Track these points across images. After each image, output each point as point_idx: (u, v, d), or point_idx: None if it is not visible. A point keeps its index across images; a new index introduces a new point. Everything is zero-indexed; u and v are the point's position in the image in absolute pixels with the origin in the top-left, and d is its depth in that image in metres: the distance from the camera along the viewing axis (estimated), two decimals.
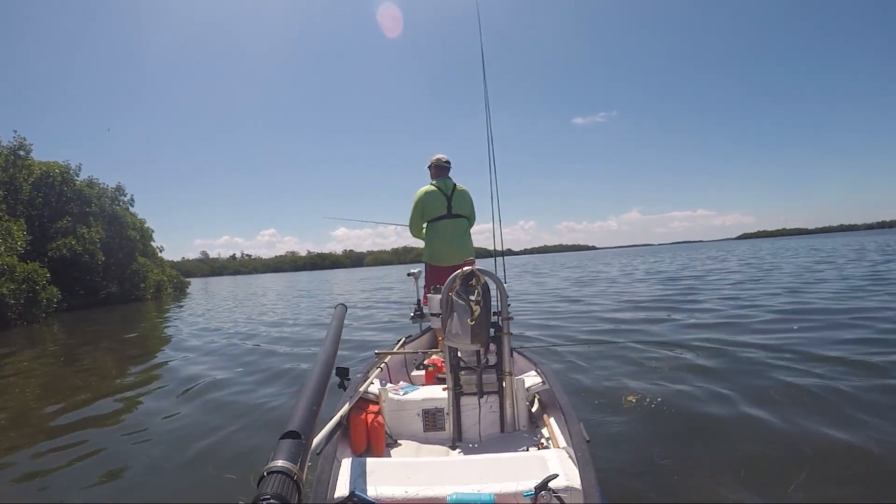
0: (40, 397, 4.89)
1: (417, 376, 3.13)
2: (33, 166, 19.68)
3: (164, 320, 13.14)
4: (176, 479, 2.72)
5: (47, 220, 19.48)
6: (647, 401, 3.40)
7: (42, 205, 19.51)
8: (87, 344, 8.95)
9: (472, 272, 2.24)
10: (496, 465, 1.67)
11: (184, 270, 72.83)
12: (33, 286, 14.10)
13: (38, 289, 14.34)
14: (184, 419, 3.79)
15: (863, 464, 2.40)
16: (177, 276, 29.74)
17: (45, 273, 14.90)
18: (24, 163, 19.54)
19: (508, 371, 2.28)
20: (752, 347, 4.76)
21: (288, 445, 0.81)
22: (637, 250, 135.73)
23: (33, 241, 17.45)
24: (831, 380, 3.62)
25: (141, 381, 5.39)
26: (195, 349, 7.19)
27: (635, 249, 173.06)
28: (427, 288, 3.83)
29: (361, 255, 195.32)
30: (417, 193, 3.88)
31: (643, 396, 3.48)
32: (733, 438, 2.77)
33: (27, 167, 19.48)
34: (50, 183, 19.74)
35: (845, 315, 6.21)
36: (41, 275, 14.61)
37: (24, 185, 18.96)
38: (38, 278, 14.39)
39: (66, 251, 18.60)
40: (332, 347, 1.38)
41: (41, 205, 19.48)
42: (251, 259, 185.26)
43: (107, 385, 5.25)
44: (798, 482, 2.23)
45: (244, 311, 13.81)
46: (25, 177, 19.20)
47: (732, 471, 2.37)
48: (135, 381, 5.39)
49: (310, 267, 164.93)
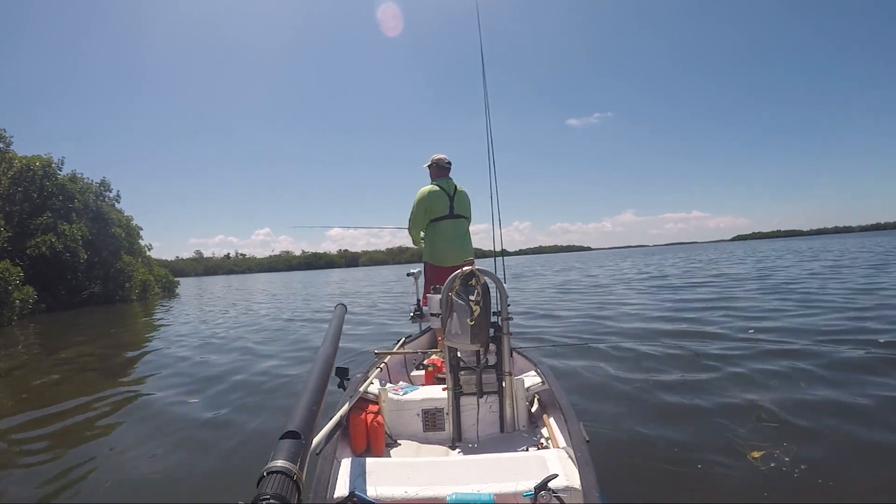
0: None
1: (417, 376, 3.12)
2: (14, 159, 18.85)
3: (144, 325, 12.40)
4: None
5: (27, 215, 18.65)
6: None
7: (21, 199, 18.60)
8: (51, 353, 7.95)
9: (471, 272, 2.24)
10: (496, 465, 1.67)
11: (177, 269, 71.74)
12: (5, 286, 13.34)
13: (11, 289, 13.57)
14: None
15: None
16: (166, 275, 28.43)
17: (17, 272, 14.22)
18: (4, 156, 18.76)
19: (508, 371, 2.29)
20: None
21: (287, 445, 0.81)
22: (631, 251, 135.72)
23: (11, 238, 16.81)
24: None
25: (78, 409, 4.31)
26: (165, 364, 6.26)
27: (630, 251, 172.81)
28: (427, 288, 3.83)
29: (356, 254, 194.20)
30: (420, 193, 3.87)
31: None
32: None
33: (6, 160, 18.65)
34: (30, 177, 18.87)
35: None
36: (14, 273, 13.92)
37: (2, 178, 18.16)
38: (10, 277, 13.64)
39: (45, 249, 17.87)
40: (332, 347, 1.38)
41: (20, 199, 18.57)
42: (245, 258, 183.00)
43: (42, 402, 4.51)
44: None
45: (231, 315, 12.78)
46: (4, 170, 18.37)
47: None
48: (70, 409, 4.30)
49: (304, 267, 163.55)
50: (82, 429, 3.79)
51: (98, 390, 4.90)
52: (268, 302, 17.43)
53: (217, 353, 6.81)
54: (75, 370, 6.30)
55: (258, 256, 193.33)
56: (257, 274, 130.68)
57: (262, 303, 17.14)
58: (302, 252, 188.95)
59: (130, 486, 2.71)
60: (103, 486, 2.71)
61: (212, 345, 7.56)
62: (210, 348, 7.24)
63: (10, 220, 17.56)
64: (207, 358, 6.46)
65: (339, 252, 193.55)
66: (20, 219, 18.44)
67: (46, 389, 5.27)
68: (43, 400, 4.71)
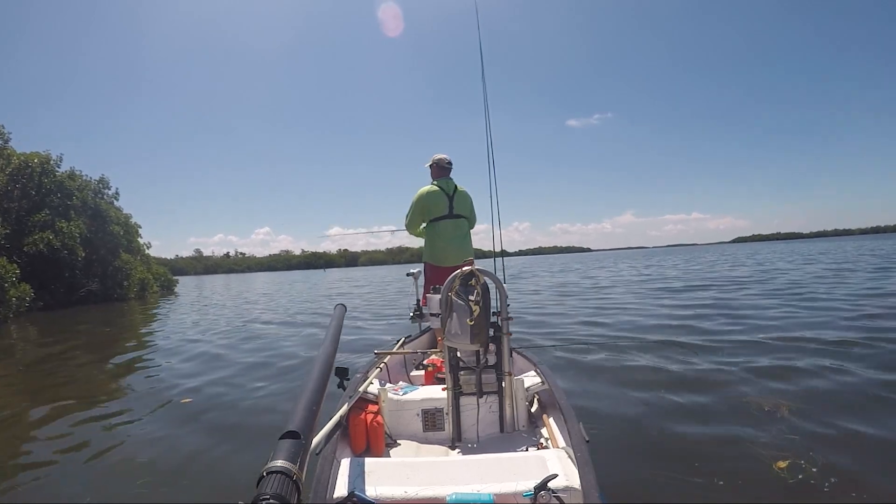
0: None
1: (417, 376, 3.13)
2: (12, 156, 18.86)
3: (142, 324, 12.27)
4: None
5: (25, 212, 18.58)
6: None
7: (19, 196, 18.56)
8: (43, 351, 7.90)
9: (471, 272, 2.24)
10: (495, 465, 1.67)
11: (177, 268, 71.02)
12: (1, 283, 13.42)
13: (7, 286, 13.62)
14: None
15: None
16: (164, 273, 28.22)
17: (14, 269, 14.25)
18: (2, 152, 18.76)
19: (508, 371, 2.29)
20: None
21: (287, 445, 0.81)
22: (631, 252, 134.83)
23: (9, 235, 16.77)
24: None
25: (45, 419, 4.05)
26: (161, 364, 6.14)
27: (630, 252, 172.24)
28: (427, 288, 3.84)
29: (356, 254, 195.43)
30: (419, 192, 3.89)
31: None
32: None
33: (4, 156, 18.68)
34: (28, 174, 18.85)
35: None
36: (10, 271, 13.99)
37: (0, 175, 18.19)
38: (6, 275, 13.72)
39: (43, 246, 17.81)
40: (332, 347, 1.38)
41: (18, 196, 18.52)
42: (245, 258, 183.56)
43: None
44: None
45: (228, 318, 11.91)
46: (2, 167, 18.39)
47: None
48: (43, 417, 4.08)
49: (304, 266, 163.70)
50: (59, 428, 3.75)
51: (76, 398, 4.63)
52: (262, 302, 17.29)
53: (203, 360, 6.39)
54: (64, 369, 6.30)
55: (258, 255, 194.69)
56: (257, 273, 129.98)
57: (256, 303, 16.89)
58: (302, 251, 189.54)
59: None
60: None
61: (202, 354, 6.92)
62: (200, 356, 6.69)
63: (7, 217, 17.49)
64: (193, 365, 6.11)
65: (338, 252, 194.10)
66: (18, 216, 18.37)
67: (40, 387, 5.27)
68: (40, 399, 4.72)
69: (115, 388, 5.20)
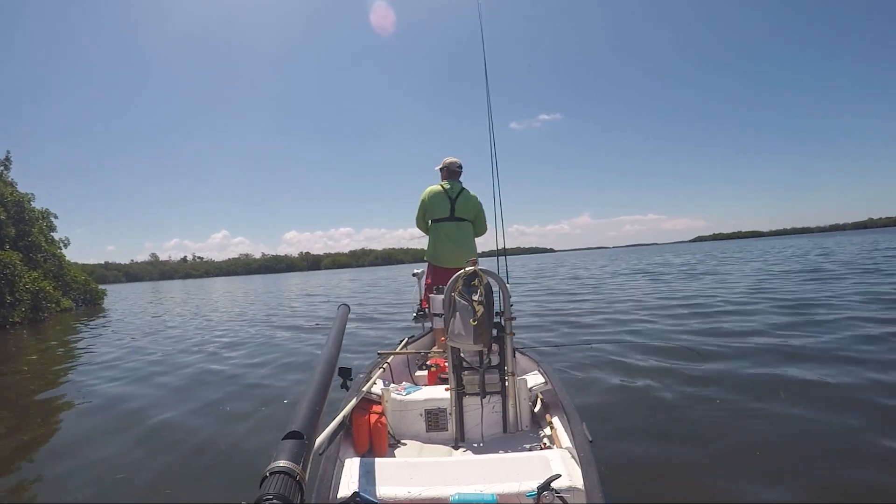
0: None
1: (420, 376, 3.13)
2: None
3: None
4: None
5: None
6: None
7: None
8: None
9: (474, 272, 2.24)
10: (499, 465, 1.67)
11: (132, 274, 68.26)
12: None
13: None
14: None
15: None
16: (85, 282, 20.49)
17: None
18: None
19: (511, 371, 2.29)
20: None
21: (290, 446, 0.81)
22: (592, 253, 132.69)
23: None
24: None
25: None
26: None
27: (592, 252, 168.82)
28: (429, 288, 3.85)
29: (318, 257, 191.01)
30: (424, 192, 3.96)
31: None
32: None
33: None
34: None
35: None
36: None
37: None
38: None
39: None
40: (335, 348, 1.39)
41: None
42: (203, 262, 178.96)
43: None
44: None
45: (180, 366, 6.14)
46: None
47: None
48: None
49: (264, 270, 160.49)
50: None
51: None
52: (230, 325, 10.70)
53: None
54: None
55: (216, 260, 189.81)
56: (215, 278, 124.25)
57: (219, 328, 10.23)
58: (262, 255, 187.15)
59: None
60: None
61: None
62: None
63: None
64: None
65: (300, 255, 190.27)
66: None
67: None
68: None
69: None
